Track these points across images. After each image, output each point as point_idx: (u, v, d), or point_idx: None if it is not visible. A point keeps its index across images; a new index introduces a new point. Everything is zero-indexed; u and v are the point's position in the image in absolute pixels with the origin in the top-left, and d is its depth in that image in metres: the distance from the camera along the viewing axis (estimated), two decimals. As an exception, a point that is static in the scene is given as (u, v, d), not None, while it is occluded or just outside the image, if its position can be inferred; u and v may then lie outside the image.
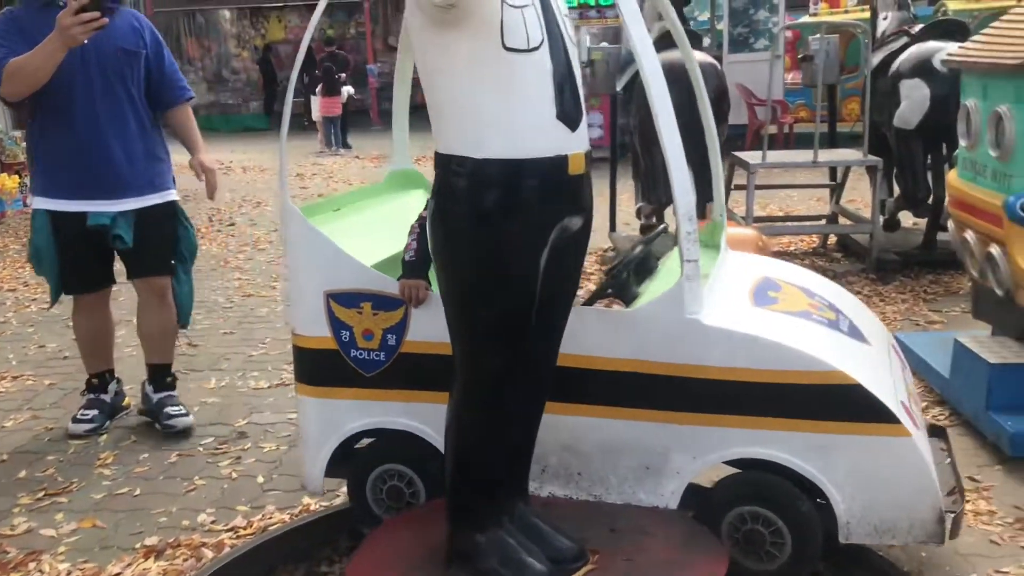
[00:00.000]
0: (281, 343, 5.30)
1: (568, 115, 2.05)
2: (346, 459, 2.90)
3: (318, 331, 2.74)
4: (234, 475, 3.67)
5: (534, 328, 2.18)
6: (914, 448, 2.30)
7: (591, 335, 2.47)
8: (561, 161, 2.05)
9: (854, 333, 2.70)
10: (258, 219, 9.50)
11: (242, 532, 3.21)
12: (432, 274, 2.47)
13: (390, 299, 2.66)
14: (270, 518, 3.30)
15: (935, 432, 2.97)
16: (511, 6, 1.97)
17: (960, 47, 4.45)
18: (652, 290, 2.78)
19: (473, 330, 2.16)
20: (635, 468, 2.50)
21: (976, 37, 4.53)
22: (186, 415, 4.12)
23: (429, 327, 2.61)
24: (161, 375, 4.19)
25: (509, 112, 2.00)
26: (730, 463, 2.55)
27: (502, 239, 2.05)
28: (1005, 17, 4.25)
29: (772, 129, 11.75)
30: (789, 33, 12.86)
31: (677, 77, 2.40)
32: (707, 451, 2.43)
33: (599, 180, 2.80)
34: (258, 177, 12.72)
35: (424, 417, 2.69)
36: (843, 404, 2.30)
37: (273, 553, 2.94)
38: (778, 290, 2.76)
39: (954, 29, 6.24)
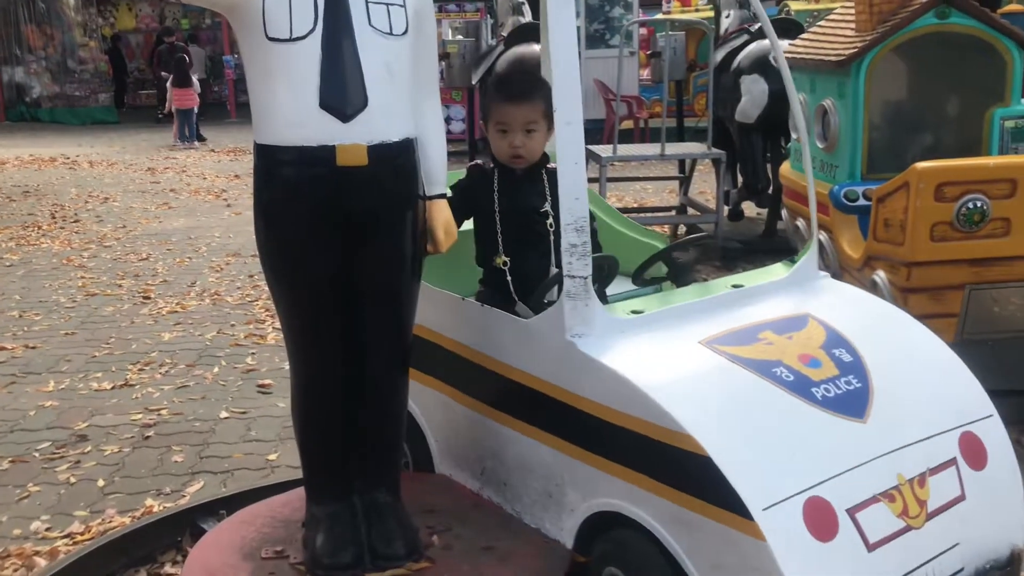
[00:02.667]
0: (125, 342, 5.10)
1: (335, 105, 2.00)
2: None
3: None
4: (72, 480, 3.51)
5: (357, 319, 2.20)
6: (767, 557, 1.80)
7: (495, 338, 2.33)
8: (326, 152, 2.02)
9: (840, 404, 2.11)
10: (105, 215, 9.09)
11: (79, 538, 3.08)
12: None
13: None
14: (110, 522, 3.18)
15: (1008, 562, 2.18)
16: None
17: (791, 44, 4.69)
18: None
19: (277, 309, 2.25)
20: (541, 493, 2.30)
21: (804, 35, 4.79)
22: None
23: None
24: None
25: (274, 100, 2.05)
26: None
27: (275, 222, 2.12)
28: (830, 17, 4.51)
29: (629, 124, 12.06)
30: (644, 30, 13.20)
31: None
32: (591, 493, 2.14)
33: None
34: (106, 172, 12.14)
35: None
36: (694, 476, 1.91)
37: (112, 557, 2.83)
38: (786, 332, 2.28)
39: (790, 27, 6.57)
